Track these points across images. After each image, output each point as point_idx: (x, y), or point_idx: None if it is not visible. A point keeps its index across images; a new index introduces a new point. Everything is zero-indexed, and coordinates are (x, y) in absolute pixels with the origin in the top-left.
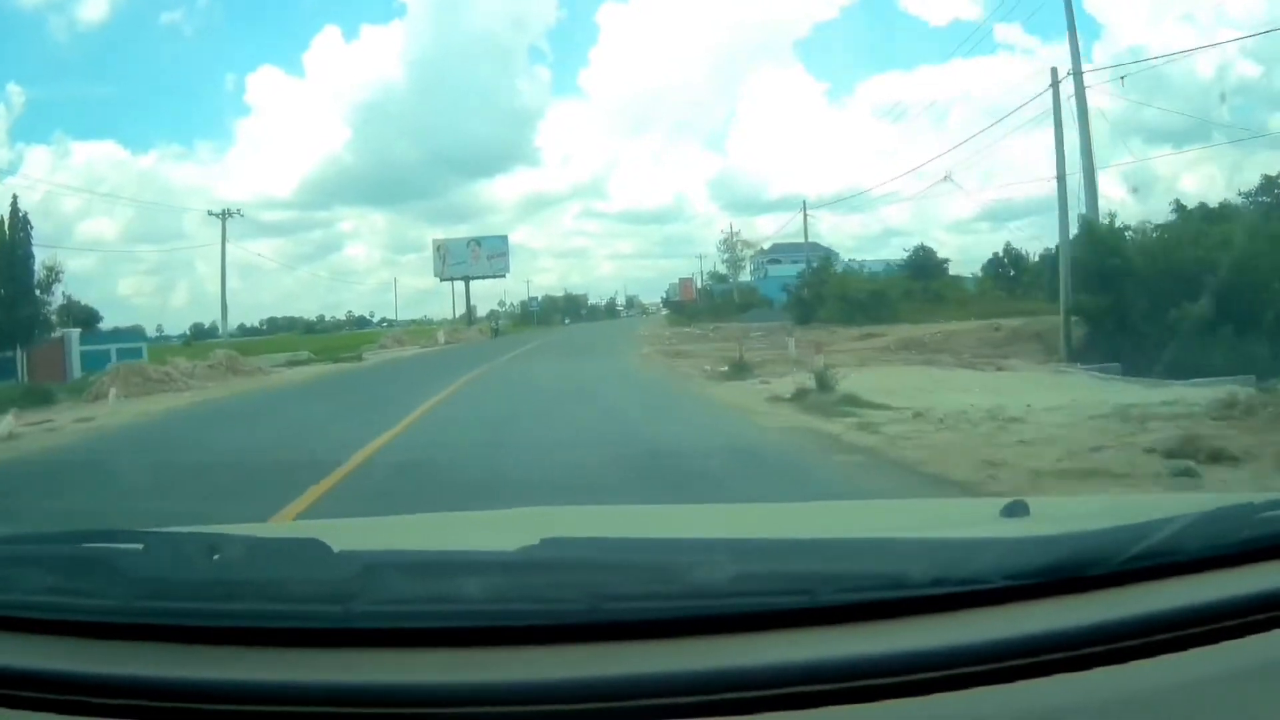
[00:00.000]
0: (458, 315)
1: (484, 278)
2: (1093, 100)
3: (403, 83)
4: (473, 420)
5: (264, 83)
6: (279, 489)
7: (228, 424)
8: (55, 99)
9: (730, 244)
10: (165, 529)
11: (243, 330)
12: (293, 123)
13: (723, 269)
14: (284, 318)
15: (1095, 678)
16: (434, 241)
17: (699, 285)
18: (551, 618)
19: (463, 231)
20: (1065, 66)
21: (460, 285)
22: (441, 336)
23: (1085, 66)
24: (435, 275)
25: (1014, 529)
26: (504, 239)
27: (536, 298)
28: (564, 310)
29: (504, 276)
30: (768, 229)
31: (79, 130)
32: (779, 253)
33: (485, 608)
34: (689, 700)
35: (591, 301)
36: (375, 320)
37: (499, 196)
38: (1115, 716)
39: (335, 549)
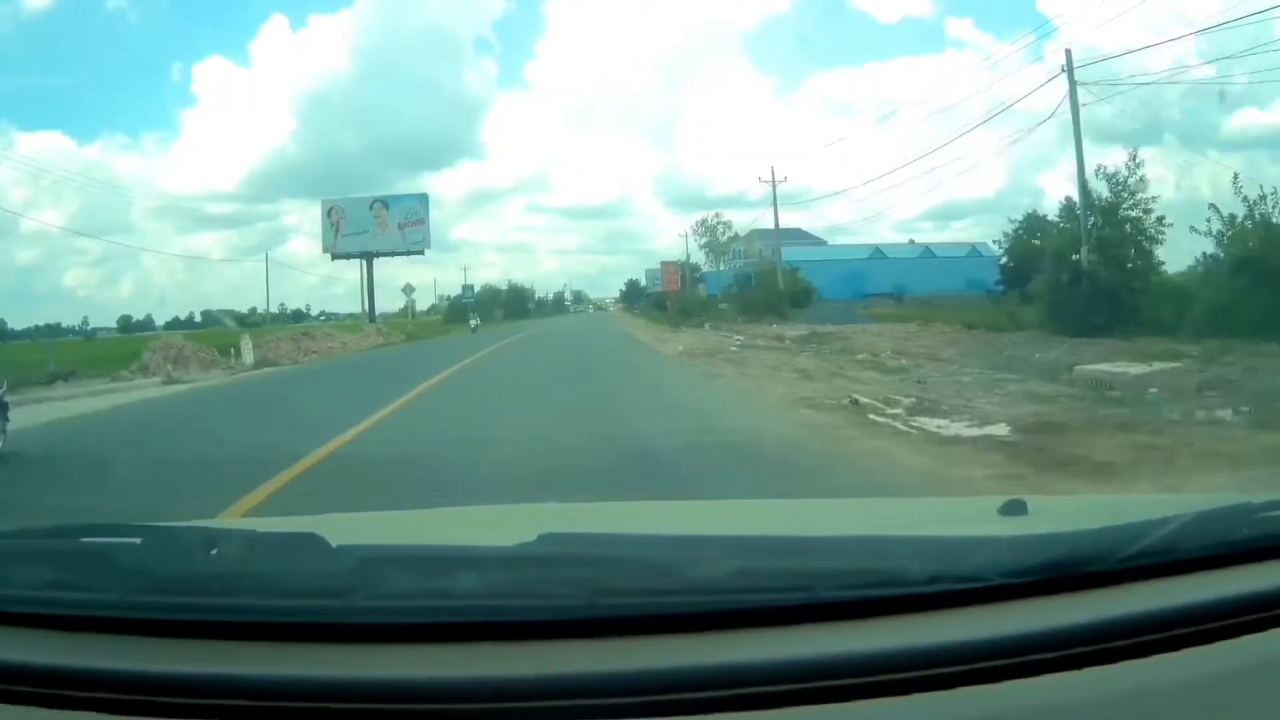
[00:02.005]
0: (400, 309)
1: (393, 254)
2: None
3: (349, 74)
4: None
5: (210, 73)
6: None
7: None
8: None
9: (710, 227)
10: (163, 524)
11: (177, 322)
12: (239, 114)
13: (699, 257)
14: (219, 310)
15: (1092, 676)
16: (323, 203)
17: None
18: (550, 613)
19: None
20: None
21: (381, 273)
22: (249, 353)
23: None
24: (325, 250)
25: (1012, 527)
26: (422, 199)
27: (473, 287)
28: (506, 305)
29: (422, 253)
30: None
31: (23, 120)
32: (759, 238)
33: (483, 603)
34: (687, 696)
35: (538, 296)
36: (314, 314)
37: (444, 190)
38: (1112, 715)
39: (333, 543)
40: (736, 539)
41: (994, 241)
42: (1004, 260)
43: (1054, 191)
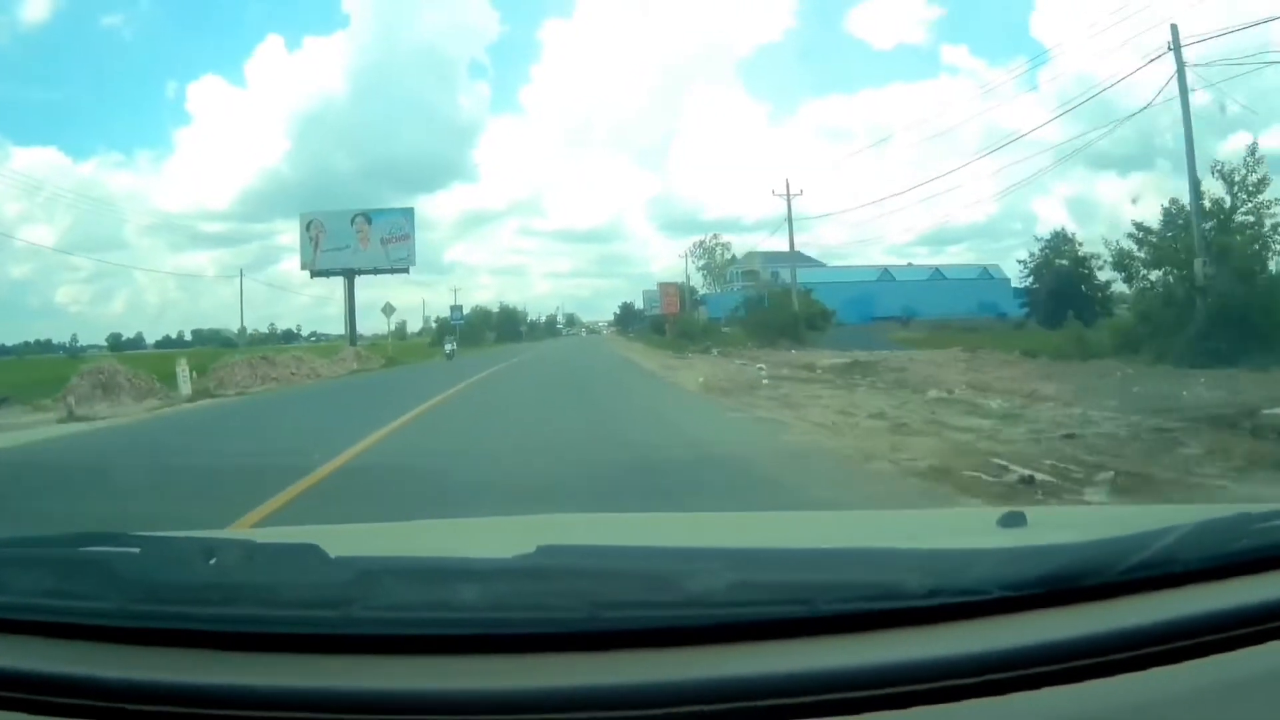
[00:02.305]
0: (394, 330)
1: (376, 271)
2: None
3: (343, 95)
4: None
5: (205, 91)
6: None
7: None
8: None
9: (708, 249)
10: (162, 533)
11: (168, 340)
12: (233, 133)
13: (696, 279)
14: (209, 330)
15: (1092, 689)
16: (302, 217)
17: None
18: (549, 626)
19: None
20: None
21: (373, 294)
22: (185, 383)
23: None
24: (304, 266)
25: (1011, 539)
26: (407, 214)
27: (461, 308)
28: (498, 327)
29: (406, 271)
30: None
31: (18, 135)
32: (759, 260)
33: (482, 615)
34: (685, 709)
35: (530, 318)
36: (304, 335)
37: (437, 213)
38: None
39: (332, 554)
40: (736, 551)
41: (1019, 261)
42: (1029, 282)
43: (1048, 216)
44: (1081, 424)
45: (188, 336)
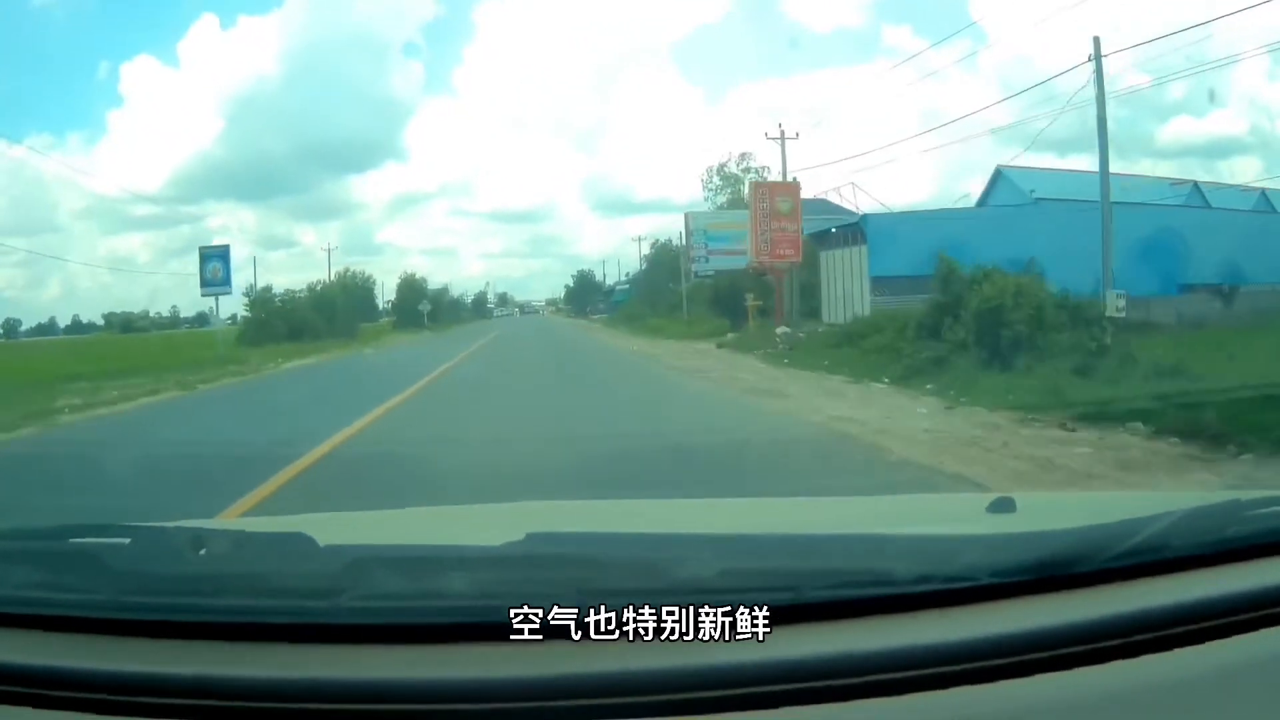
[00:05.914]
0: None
1: None
2: None
3: (277, 75)
4: None
5: (138, 72)
6: None
7: None
8: None
9: (730, 177)
10: (152, 524)
11: (77, 325)
12: (165, 114)
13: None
14: (121, 313)
15: (1082, 676)
16: None
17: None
18: (538, 613)
19: (333, 231)
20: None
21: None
22: None
23: None
24: None
25: (1000, 525)
26: None
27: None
28: (398, 309)
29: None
30: (638, 230)
31: None
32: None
33: (471, 603)
34: (675, 697)
35: (456, 295)
36: (223, 318)
37: (369, 193)
38: (1102, 715)
39: (321, 543)
40: (724, 538)
41: None
42: None
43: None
44: None
45: (99, 322)
